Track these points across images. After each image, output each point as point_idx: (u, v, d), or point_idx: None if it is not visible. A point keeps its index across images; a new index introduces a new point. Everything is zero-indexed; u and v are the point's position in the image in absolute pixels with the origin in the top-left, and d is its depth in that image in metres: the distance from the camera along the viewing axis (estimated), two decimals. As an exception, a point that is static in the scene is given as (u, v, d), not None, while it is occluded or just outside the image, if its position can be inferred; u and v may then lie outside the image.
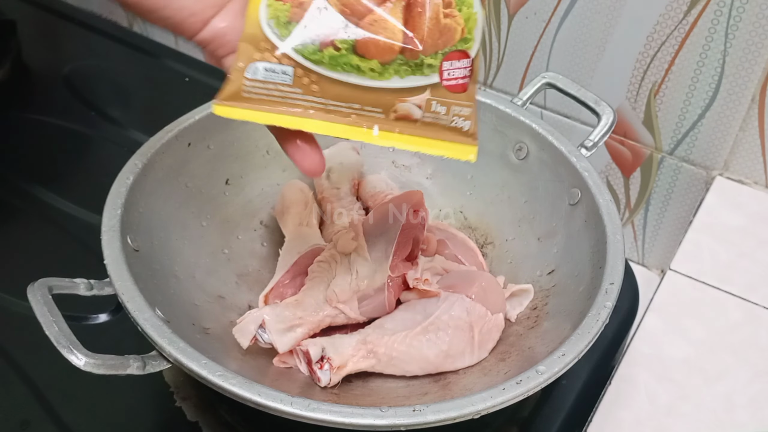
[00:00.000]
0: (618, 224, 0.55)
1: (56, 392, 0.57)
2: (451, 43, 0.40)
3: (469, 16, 0.40)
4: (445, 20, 0.40)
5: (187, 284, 0.57)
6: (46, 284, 0.48)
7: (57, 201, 0.73)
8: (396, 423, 0.42)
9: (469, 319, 0.54)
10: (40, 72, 0.92)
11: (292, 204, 0.64)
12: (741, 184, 0.73)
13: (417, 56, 0.40)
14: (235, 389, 0.43)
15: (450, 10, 0.40)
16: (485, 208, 0.67)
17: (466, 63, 0.40)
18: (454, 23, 0.40)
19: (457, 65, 0.40)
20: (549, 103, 0.79)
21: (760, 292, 0.64)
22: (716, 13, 0.66)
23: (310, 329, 0.54)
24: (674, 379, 0.58)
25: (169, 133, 0.60)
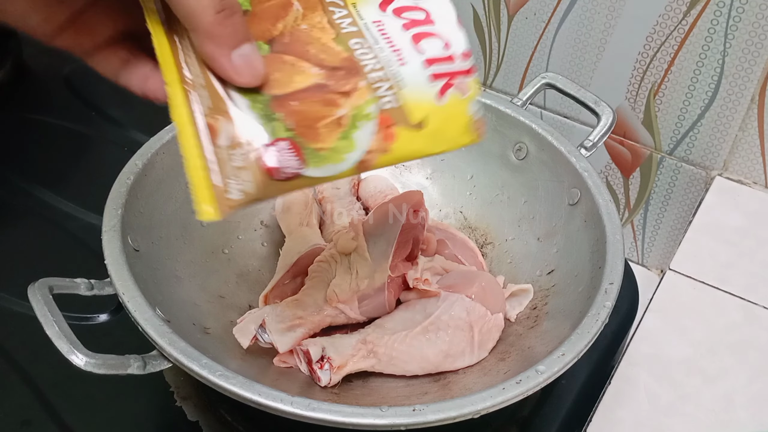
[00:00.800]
0: (617, 224, 0.55)
1: (56, 392, 0.57)
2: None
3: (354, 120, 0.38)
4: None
5: (188, 284, 0.57)
6: (47, 284, 0.48)
7: (57, 201, 0.73)
8: (396, 423, 0.42)
9: (469, 319, 0.54)
10: (41, 72, 0.92)
11: (292, 204, 0.64)
12: (740, 184, 0.74)
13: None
14: (235, 389, 0.43)
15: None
16: (485, 208, 0.67)
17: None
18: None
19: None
20: (549, 103, 0.79)
21: (759, 292, 0.64)
22: (716, 14, 0.66)
23: (310, 329, 0.54)
24: (674, 379, 0.58)
25: (170, 133, 0.60)
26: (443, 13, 0.40)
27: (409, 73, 0.38)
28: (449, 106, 0.39)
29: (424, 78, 0.39)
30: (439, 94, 0.39)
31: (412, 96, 0.38)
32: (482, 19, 0.78)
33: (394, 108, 0.38)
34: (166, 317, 0.49)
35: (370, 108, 0.37)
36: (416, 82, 0.38)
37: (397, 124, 0.38)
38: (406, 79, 0.38)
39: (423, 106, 0.38)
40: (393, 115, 0.38)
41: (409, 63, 0.39)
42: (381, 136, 0.37)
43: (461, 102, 0.39)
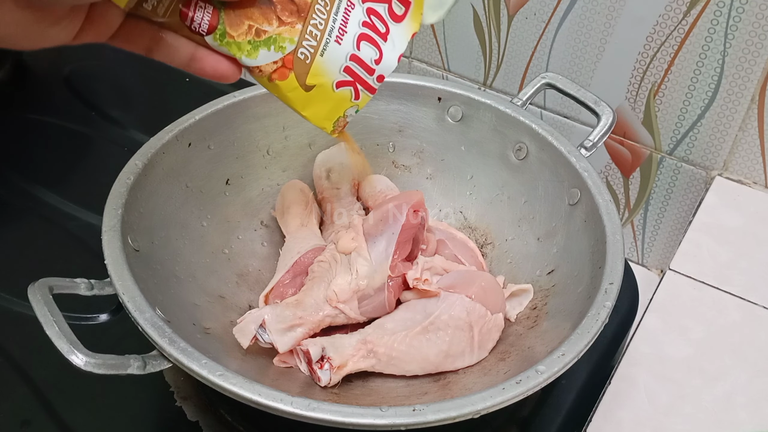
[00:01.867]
0: (617, 224, 0.55)
1: (56, 392, 0.57)
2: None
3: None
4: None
5: (188, 284, 0.57)
6: (47, 284, 0.48)
7: (57, 201, 0.73)
8: (396, 423, 0.42)
9: (469, 319, 0.54)
10: (41, 72, 0.92)
11: (292, 204, 0.64)
12: (740, 184, 0.74)
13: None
14: (235, 389, 0.43)
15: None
16: (485, 208, 0.67)
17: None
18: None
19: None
20: (549, 103, 0.79)
21: (759, 292, 0.64)
22: (716, 14, 0.66)
23: (310, 329, 0.54)
24: (674, 378, 0.58)
25: (170, 133, 0.60)
26: (397, 43, 0.48)
27: (335, 51, 0.45)
28: (337, 96, 0.47)
29: (340, 63, 0.46)
30: (337, 84, 0.46)
31: (321, 66, 0.45)
32: (482, 19, 0.78)
33: (302, 61, 0.45)
34: (166, 317, 0.49)
35: (286, 45, 0.44)
36: (333, 60, 0.45)
37: (294, 72, 0.45)
38: (329, 53, 0.45)
39: (321, 79, 0.45)
40: (297, 65, 0.45)
41: (341, 45, 0.45)
42: (277, 67, 0.44)
43: (347, 101, 0.47)
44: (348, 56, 0.46)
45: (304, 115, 0.47)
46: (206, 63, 0.44)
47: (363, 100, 0.48)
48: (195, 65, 0.44)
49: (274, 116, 0.66)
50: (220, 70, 0.44)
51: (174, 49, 0.43)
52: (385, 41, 0.47)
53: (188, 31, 0.42)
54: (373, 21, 0.47)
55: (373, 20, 0.47)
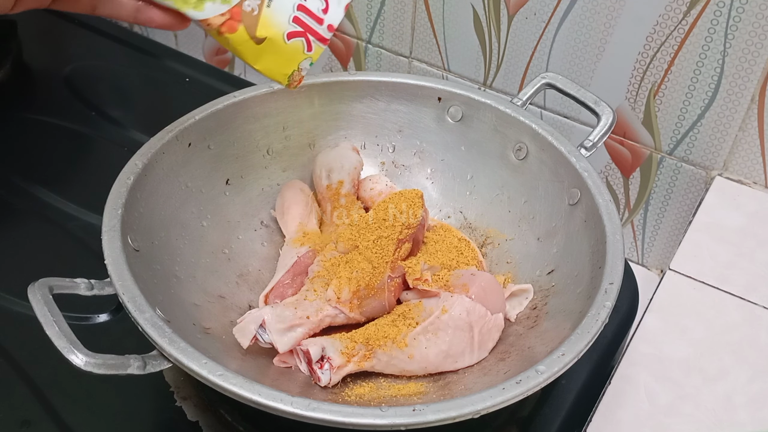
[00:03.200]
0: (617, 224, 0.55)
1: (56, 392, 0.57)
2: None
3: None
4: None
5: (188, 284, 0.57)
6: (47, 284, 0.48)
7: (57, 201, 0.73)
8: (396, 423, 0.42)
9: (469, 319, 0.54)
10: (41, 72, 0.92)
11: (292, 204, 0.64)
12: (740, 184, 0.74)
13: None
14: (235, 389, 0.43)
15: None
16: (485, 208, 0.67)
17: None
18: None
19: None
20: (549, 103, 0.79)
21: (759, 292, 0.64)
22: (716, 14, 0.66)
23: (310, 329, 0.54)
24: (674, 378, 0.58)
25: (170, 133, 0.60)
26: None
27: (282, 2, 0.46)
28: (289, 47, 0.47)
29: (288, 13, 0.46)
30: (288, 35, 0.46)
31: (269, 17, 0.45)
32: (482, 19, 0.78)
33: (249, 13, 0.45)
34: (165, 317, 0.49)
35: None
36: (281, 10, 0.46)
37: (243, 24, 0.45)
38: (276, 3, 0.46)
39: (271, 30, 0.46)
40: (245, 17, 0.45)
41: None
42: (225, 20, 0.44)
43: (300, 53, 0.47)
44: (295, 6, 0.46)
45: (257, 68, 0.47)
46: (153, 13, 0.44)
47: (316, 51, 0.48)
48: (142, 17, 0.44)
49: (274, 116, 0.66)
50: (168, 19, 0.44)
51: (118, 3, 0.43)
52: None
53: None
54: None
55: None
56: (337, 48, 0.91)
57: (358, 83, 0.68)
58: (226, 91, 0.65)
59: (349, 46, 0.89)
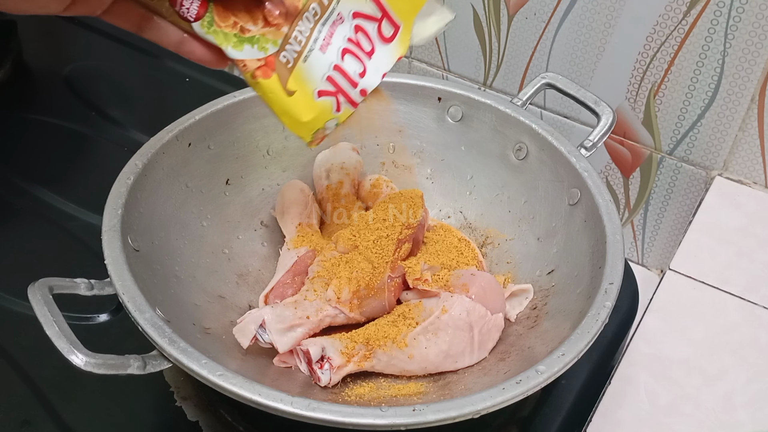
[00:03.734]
0: (617, 224, 0.55)
1: (56, 392, 0.57)
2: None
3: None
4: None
5: (188, 284, 0.57)
6: (47, 284, 0.48)
7: (57, 201, 0.73)
8: (396, 423, 0.42)
9: (469, 319, 0.54)
10: (41, 72, 0.92)
11: (292, 204, 0.64)
12: (740, 184, 0.74)
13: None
14: (235, 389, 0.43)
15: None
16: (485, 208, 0.67)
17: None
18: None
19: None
20: (549, 103, 0.79)
21: (759, 292, 0.64)
22: (716, 14, 0.66)
23: (310, 329, 0.54)
24: (674, 379, 0.58)
25: (170, 133, 0.60)
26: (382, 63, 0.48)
27: (319, 59, 0.46)
28: (318, 105, 0.47)
29: (323, 72, 0.46)
30: (319, 93, 0.46)
31: (303, 72, 0.45)
32: (482, 19, 0.78)
33: (284, 65, 0.45)
34: (165, 317, 0.49)
35: (269, 46, 0.44)
36: (316, 67, 0.46)
37: (276, 73, 0.45)
38: (312, 60, 0.45)
39: (302, 85, 0.46)
40: (279, 67, 0.45)
41: (326, 54, 0.46)
42: (259, 65, 0.45)
43: (328, 113, 0.47)
44: (332, 66, 0.46)
45: (283, 121, 0.47)
46: (195, 46, 0.44)
47: (344, 113, 0.48)
48: (185, 47, 0.44)
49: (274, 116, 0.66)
50: (209, 55, 0.44)
51: (164, 31, 0.44)
52: (370, 59, 0.47)
53: (176, 16, 0.43)
54: (359, 39, 0.47)
55: (359, 38, 0.47)
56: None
57: (358, 83, 0.68)
58: (226, 91, 0.65)
59: (349, 46, 0.89)
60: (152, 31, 0.44)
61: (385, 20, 0.47)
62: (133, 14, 0.43)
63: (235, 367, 0.50)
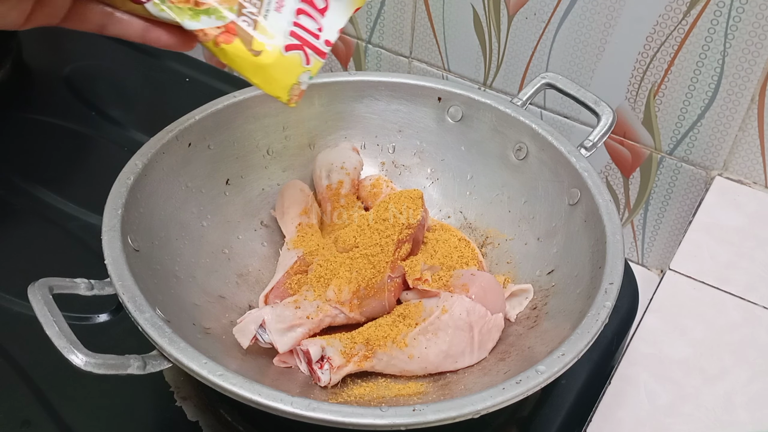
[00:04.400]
0: (617, 224, 0.55)
1: (56, 392, 0.57)
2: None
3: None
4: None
5: (188, 284, 0.57)
6: (47, 284, 0.48)
7: (57, 201, 0.73)
8: (396, 423, 0.42)
9: (469, 319, 0.54)
10: (41, 72, 0.92)
11: (292, 204, 0.64)
12: (740, 184, 0.74)
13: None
14: (235, 389, 0.43)
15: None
16: (485, 208, 0.67)
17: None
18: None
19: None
20: (549, 103, 0.79)
21: (759, 292, 0.64)
22: (716, 14, 0.66)
23: (310, 329, 0.54)
24: (674, 378, 0.58)
25: (170, 133, 0.60)
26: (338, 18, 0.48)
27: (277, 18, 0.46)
28: (287, 60, 0.46)
29: (284, 28, 0.46)
30: (287, 47, 0.46)
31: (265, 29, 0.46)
32: (482, 19, 0.78)
33: (245, 28, 0.45)
34: (166, 317, 0.49)
35: (227, 14, 0.45)
36: (277, 25, 0.46)
37: (239, 37, 0.45)
38: (271, 18, 0.46)
39: (267, 43, 0.46)
40: (240, 31, 0.45)
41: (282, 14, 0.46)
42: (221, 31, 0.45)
43: (298, 66, 0.47)
44: (291, 22, 0.46)
45: (255, 83, 0.47)
46: (161, 33, 0.44)
47: (315, 65, 0.48)
48: (150, 35, 0.45)
49: (274, 116, 0.66)
50: (176, 38, 0.45)
51: (126, 24, 0.44)
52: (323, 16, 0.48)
53: (129, 2, 0.43)
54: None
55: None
56: (337, 48, 0.91)
57: (358, 83, 0.68)
58: (226, 91, 0.65)
59: (349, 46, 0.89)
60: (114, 26, 0.44)
61: None
62: (91, 15, 0.44)
63: (235, 367, 0.50)
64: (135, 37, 0.45)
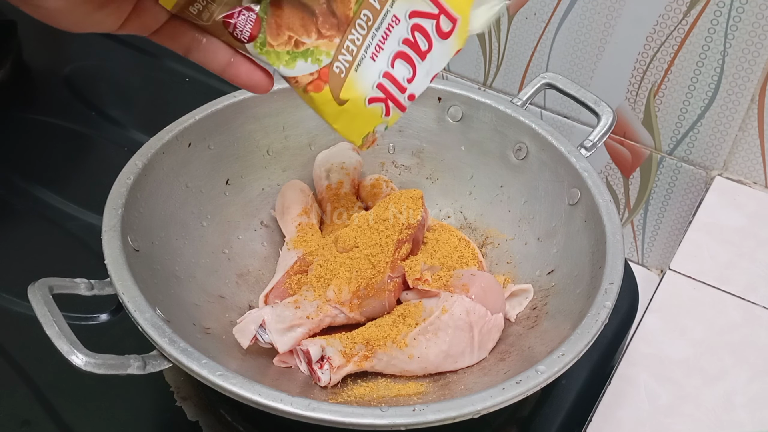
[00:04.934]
0: (617, 224, 0.55)
1: (56, 392, 0.57)
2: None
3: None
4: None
5: (188, 284, 0.57)
6: (47, 284, 0.48)
7: (57, 201, 0.73)
8: (396, 423, 0.42)
9: (469, 319, 0.54)
10: (41, 72, 0.92)
11: (292, 204, 0.64)
12: (740, 184, 0.74)
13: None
14: (235, 389, 0.43)
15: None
16: (485, 208, 0.67)
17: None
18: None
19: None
20: (549, 103, 0.79)
21: (759, 292, 0.64)
22: (716, 14, 0.66)
23: (310, 329, 0.54)
24: (674, 379, 0.58)
25: (170, 133, 0.60)
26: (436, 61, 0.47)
27: (369, 67, 0.45)
28: (368, 112, 0.46)
29: (373, 80, 0.46)
30: (370, 100, 0.46)
31: (354, 81, 0.45)
32: (482, 19, 0.78)
33: (337, 75, 0.45)
34: (165, 317, 0.49)
35: (323, 58, 0.44)
36: (367, 76, 0.45)
37: (329, 85, 0.45)
38: (363, 69, 0.45)
39: (354, 94, 0.45)
40: (332, 78, 0.45)
41: (376, 62, 0.45)
42: (312, 79, 0.44)
43: (377, 117, 0.47)
44: (381, 73, 0.46)
45: (335, 128, 0.47)
46: (241, 70, 0.44)
47: (393, 117, 0.48)
48: (230, 71, 0.44)
49: (274, 116, 0.66)
50: (254, 79, 0.44)
51: (212, 53, 0.44)
52: (423, 60, 0.47)
53: (230, 37, 0.43)
54: (416, 38, 0.46)
55: (417, 37, 0.46)
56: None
57: (358, 83, 0.68)
58: (226, 91, 0.65)
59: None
60: (200, 53, 0.44)
61: (442, 15, 0.46)
62: (183, 36, 0.43)
63: (235, 367, 0.50)
64: (216, 70, 0.44)
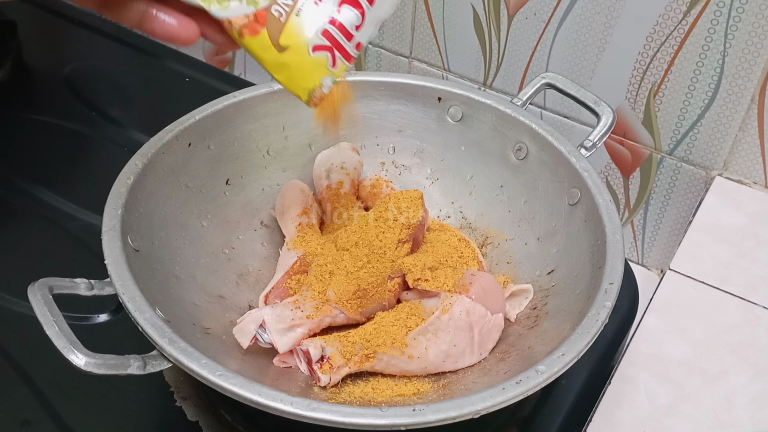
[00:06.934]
0: (617, 224, 0.55)
1: (56, 392, 0.57)
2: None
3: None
4: None
5: (188, 284, 0.57)
6: (47, 284, 0.48)
7: (57, 201, 0.73)
8: (396, 423, 0.42)
9: (469, 320, 0.54)
10: (41, 72, 0.92)
11: (292, 204, 0.64)
12: (740, 184, 0.74)
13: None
14: (235, 389, 0.43)
15: None
16: (485, 208, 0.67)
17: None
18: None
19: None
20: (549, 103, 0.79)
21: (759, 292, 0.64)
22: (716, 14, 0.66)
23: (310, 329, 0.54)
24: (674, 379, 0.58)
25: (170, 133, 0.60)
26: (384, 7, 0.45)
27: (313, 12, 0.43)
28: (313, 61, 0.43)
29: (317, 26, 0.43)
30: (315, 47, 0.43)
31: (295, 26, 0.42)
32: (482, 19, 0.78)
33: (276, 18, 0.42)
34: (165, 317, 0.49)
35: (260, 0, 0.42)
36: (310, 22, 0.43)
37: (267, 28, 0.42)
38: (305, 13, 0.42)
39: (295, 40, 0.42)
40: (270, 22, 0.42)
41: (320, 6, 0.43)
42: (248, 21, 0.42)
43: (323, 67, 0.44)
44: (327, 19, 0.43)
45: (278, 79, 0.45)
46: (156, 23, 0.43)
47: (340, 68, 0.45)
48: (146, 25, 0.43)
49: (274, 116, 0.66)
50: (171, 30, 0.43)
51: (124, 7, 0.43)
52: (372, 5, 0.44)
53: None
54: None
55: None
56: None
57: (358, 83, 0.68)
58: (226, 91, 0.65)
59: (349, 46, 0.89)
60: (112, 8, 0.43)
61: None
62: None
63: (235, 367, 0.50)
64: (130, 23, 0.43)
